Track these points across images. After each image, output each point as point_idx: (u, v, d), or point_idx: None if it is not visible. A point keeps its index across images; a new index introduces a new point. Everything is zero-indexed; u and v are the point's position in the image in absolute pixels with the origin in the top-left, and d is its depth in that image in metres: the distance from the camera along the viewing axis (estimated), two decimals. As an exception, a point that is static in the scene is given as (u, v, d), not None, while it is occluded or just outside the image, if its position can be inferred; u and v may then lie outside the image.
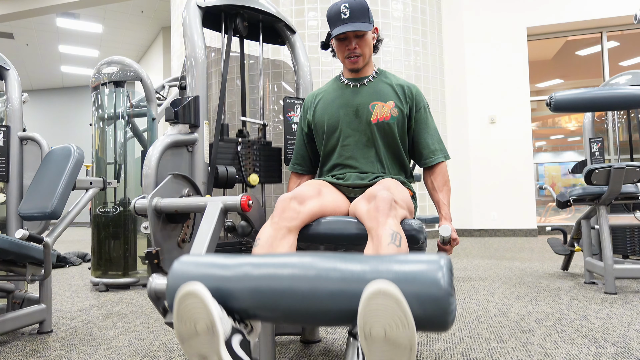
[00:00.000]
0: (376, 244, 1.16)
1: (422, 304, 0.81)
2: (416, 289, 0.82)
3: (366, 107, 1.59)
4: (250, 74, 2.25)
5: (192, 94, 1.66)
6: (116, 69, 3.48)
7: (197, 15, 1.71)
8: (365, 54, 1.59)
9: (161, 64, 12.40)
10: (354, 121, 1.59)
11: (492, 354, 1.76)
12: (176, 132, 1.60)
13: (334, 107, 1.63)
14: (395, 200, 1.25)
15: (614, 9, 6.77)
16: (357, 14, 1.53)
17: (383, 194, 1.23)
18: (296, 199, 1.31)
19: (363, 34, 1.57)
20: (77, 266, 4.95)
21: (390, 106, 1.58)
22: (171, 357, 1.83)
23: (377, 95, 1.60)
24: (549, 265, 4.00)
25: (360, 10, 1.53)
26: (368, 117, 1.58)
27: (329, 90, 1.70)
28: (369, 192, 1.32)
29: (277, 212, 1.29)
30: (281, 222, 1.27)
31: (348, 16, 1.52)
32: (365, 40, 1.58)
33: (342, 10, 1.52)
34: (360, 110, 1.59)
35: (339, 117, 1.61)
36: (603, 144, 3.27)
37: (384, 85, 1.63)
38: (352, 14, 1.52)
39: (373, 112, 1.57)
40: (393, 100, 1.59)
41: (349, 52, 1.58)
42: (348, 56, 1.59)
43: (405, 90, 1.63)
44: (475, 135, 7.10)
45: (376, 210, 1.20)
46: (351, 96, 1.62)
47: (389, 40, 6.69)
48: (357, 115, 1.59)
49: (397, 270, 0.84)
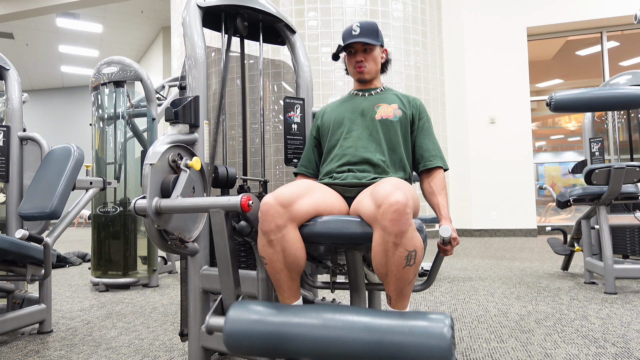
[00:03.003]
0: (392, 266, 1.18)
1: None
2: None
3: (371, 108, 1.69)
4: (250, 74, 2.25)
5: (192, 94, 1.66)
6: (116, 69, 3.48)
7: (197, 15, 1.71)
8: (371, 68, 1.71)
9: (161, 64, 12.40)
10: (359, 119, 1.68)
11: (492, 354, 1.76)
12: (176, 132, 1.60)
13: (342, 109, 1.74)
14: (409, 204, 1.18)
15: (614, 9, 6.77)
16: (367, 32, 1.67)
17: (398, 198, 1.16)
18: (280, 204, 1.26)
19: (370, 47, 1.69)
20: (77, 266, 4.95)
21: (394, 107, 1.67)
22: (171, 357, 1.83)
23: (382, 99, 1.71)
24: (549, 265, 4.00)
25: (370, 30, 1.68)
26: (372, 115, 1.66)
27: (340, 101, 1.81)
28: (378, 192, 1.23)
29: (262, 221, 1.27)
30: (271, 236, 1.26)
31: (358, 33, 1.67)
32: (372, 56, 1.71)
33: (353, 29, 1.68)
34: (365, 110, 1.69)
35: (344, 116, 1.71)
36: (603, 144, 3.27)
37: (390, 94, 1.75)
38: (362, 32, 1.67)
39: (377, 111, 1.67)
40: (397, 104, 1.69)
41: (356, 63, 1.70)
42: (355, 66, 1.71)
43: (410, 100, 1.73)
44: (475, 135, 7.10)
45: (392, 223, 1.15)
46: (359, 102, 1.73)
47: (389, 40, 6.69)
48: (362, 115, 1.68)
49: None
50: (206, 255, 1.63)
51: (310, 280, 1.64)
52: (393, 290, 1.23)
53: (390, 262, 1.18)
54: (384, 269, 1.20)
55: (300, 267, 1.30)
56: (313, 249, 1.40)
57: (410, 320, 1.11)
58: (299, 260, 1.28)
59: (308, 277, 1.66)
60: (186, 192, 1.38)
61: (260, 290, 1.46)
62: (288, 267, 1.28)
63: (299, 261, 1.28)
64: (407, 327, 1.10)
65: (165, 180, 1.40)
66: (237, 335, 1.21)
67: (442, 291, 2.99)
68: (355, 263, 1.39)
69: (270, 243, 1.26)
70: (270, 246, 1.26)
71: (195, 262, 1.61)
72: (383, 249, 1.18)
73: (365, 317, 1.15)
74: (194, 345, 1.57)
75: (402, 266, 1.17)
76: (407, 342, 1.07)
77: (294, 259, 1.27)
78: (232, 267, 1.39)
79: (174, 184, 1.39)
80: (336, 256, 1.52)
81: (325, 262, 1.59)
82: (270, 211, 1.25)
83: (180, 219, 1.46)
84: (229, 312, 1.24)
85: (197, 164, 1.44)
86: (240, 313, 1.23)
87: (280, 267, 1.28)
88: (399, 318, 1.13)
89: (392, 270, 1.19)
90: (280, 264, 1.27)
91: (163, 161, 1.41)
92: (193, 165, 1.43)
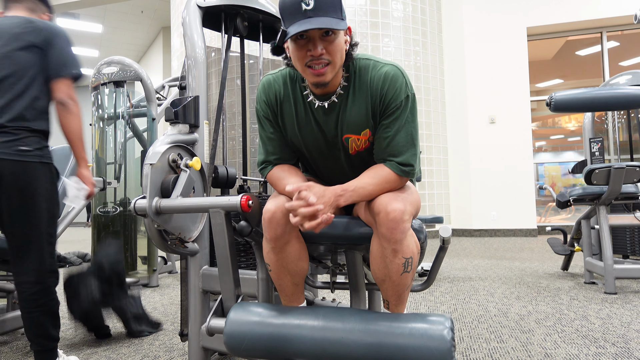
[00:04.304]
0: (390, 272, 1.17)
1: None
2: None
3: (339, 140, 1.29)
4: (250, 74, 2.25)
5: (192, 94, 1.66)
6: (116, 69, 3.48)
7: (197, 15, 1.71)
8: (335, 62, 1.16)
9: (161, 64, 12.40)
10: (325, 150, 1.33)
11: (492, 354, 1.76)
12: (176, 132, 1.60)
13: (303, 132, 1.31)
14: (407, 211, 1.15)
15: (614, 9, 6.77)
16: (325, 4, 1.10)
17: (395, 206, 1.12)
18: (282, 211, 1.19)
19: (334, 32, 1.14)
20: (77, 266, 4.95)
21: (366, 137, 1.27)
22: (171, 357, 1.83)
23: (349, 125, 1.26)
24: (549, 265, 4.00)
25: (331, 2, 1.11)
26: (345, 151, 1.31)
27: (291, 100, 1.30)
28: (376, 199, 1.17)
29: (266, 229, 1.21)
30: (275, 243, 1.22)
31: (312, 7, 1.09)
32: (335, 44, 1.15)
33: (304, 0, 1.09)
34: (332, 142, 1.31)
35: (308, 145, 1.33)
36: (603, 144, 3.27)
37: (357, 103, 1.25)
38: (317, 4, 1.09)
39: (349, 146, 1.29)
40: (367, 129, 1.26)
41: (312, 59, 1.14)
42: (310, 64, 1.15)
43: (383, 103, 1.23)
44: (475, 135, 7.10)
45: (389, 232, 1.12)
46: (320, 120, 1.28)
47: (389, 40, 6.69)
48: (329, 147, 1.32)
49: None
50: (206, 255, 1.63)
51: (310, 280, 1.64)
52: (392, 295, 1.23)
53: (389, 269, 1.17)
54: (382, 275, 1.19)
55: (304, 273, 1.30)
56: (313, 249, 1.39)
57: (410, 322, 1.11)
58: (302, 265, 1.28)
59: (308, 277, 1.66)
60: (186, 192, 1.38)
61: (260, 290, 1.46)
62: (292, 273, 1.27)
63: (302, 266, 1.28)
64: (407, 329, 1.10)
65: (165, 180, 1.40)
66: (238, 337, 1.21)
67: (442, 291, 2.99)
68: (355, 263, 1.39)
69: (273, 250, 1.24)
70: (274, 253, 1.25)
71: (195, 262, 1.61)
72: (381, 255, 1.17)
73: (365, 319, 1.15)
74: (194, 345, 1.57)
75: (400, 273, 1.17)
76: (407, 344, 1.07)
77: (297, 265, 1.27)
78: (232, 267, 1.39)
79: (174, 184, 1.39)
80: (336, 256, 1.52)
81: (325, 262, 1.59)
82: (273, 219, 1.20)
83: (180, 219, 1.46)
84: (230, 314, 1.25)
85: (197, 164, 1.44)
86: (241, 314, 1.24)
87: (284, 273, 1.27)
88: (399, 320, 1.13)
89: (390, 276, 1.18)
90: (284, 270, 1.26)
91: (163, 161, 1.41)
92: (193, 165, 1.43)
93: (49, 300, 1.55)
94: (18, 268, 1.52)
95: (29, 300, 1.51)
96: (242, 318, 1.23)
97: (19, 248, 1.52)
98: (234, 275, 1.40)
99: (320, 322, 1.17)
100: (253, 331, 1.20)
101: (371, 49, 6.54)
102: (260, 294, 1.46)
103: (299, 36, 1.14)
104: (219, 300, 1.48)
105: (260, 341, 1.19)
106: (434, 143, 7.04)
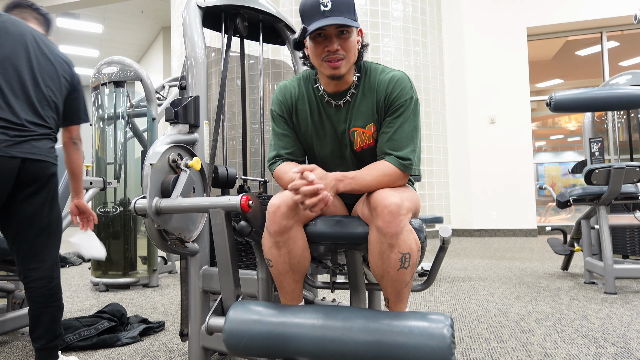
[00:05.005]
0: (387, 267, 1.18)
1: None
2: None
3: (347, 136, 1.40)
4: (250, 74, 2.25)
5: (192, 94, 1.66)
6: (116, 69, 3.48)
7: (197, 15, 1.71)
8: (349, 58, 1.30)
9: (161, 64, 12.40)
10: (335, 149, 1.43)
11: (492, 354, 1.77)
12: (176, 132, 1.60)
13: (317, 126, 1.43)
14: (404, 205, 1.18)
15: (614, 9, 6.77)
16: (341, 6, 1.25)
17: (392, 200, 1.16)
18: (287, 205, 1.24)
19: (348, 30, 1.28)
20: (77, 266, 4.95)
21: (370, 131, 1.37)
22: (171, 357, 1.83)
23: (356, 118, 1.38)
24: (549, 265, 4.00)
25: (345, 3, 1.26)
26: (350, 146, 1.41)
27: (305, 99, 1.43)
28: (375, 194, 1.22)
29: (269, 223, 1.25)
30: (278, 237, 1.24)
31: (330, 8, 1.24)
32: (350, 42, 1.29)
33: (322, 1, 1.24)
34: (340, 137, 1.41)
35: (319, 141, 1.44)
36: (603, 144, 3.27)
37: (366, 100, 1.37)
38: (334, 6, 1.24)
39: (354, 140, 1.39)
40: (372, 123, 1.37)
41: (329, 54, 1.28)
42: (327, 59, 1.29)
43: (387, 100, 1.35)
44: (475, 135, 7.10)
45: (386, 225, 1.15)
46: (331, 115, 1.40)
47: (389, 40, 6.69)
48: (338, 143, 1.42)
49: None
50: (206, 255, 1.63)
51: (310, 280, 1.65)
52: (390, 292, 1.23)
53: (386, 264, 1.18)
54: (380, 271, 1.20)
55: (305, 269, 1.30)
56: (313, 249, 1.39)
57: (410, 320, 1.11)
58: (305, 261, 1.29)
59: (308, 277, 1.66)
60: (186, 192, 1.38)
61: (260, 290, 1.46)
62: (293, 269, 1.28)
63: (304, 262, 1.29)
64: (407, 327, 1.10)
65: (165, 180, 1.40)
66: (237, 335, 1.21)
67: (442, 291, 2.99)
68: (355, 263, 1.39)
69: (276, 245, 1.25)
70: (276, 248, 1.25)
71: (195, 262, 1.61)
72: (378, 249, 1.19)
73: (365, 317, 1.15)
74: (194, 345, 1.57)
75: (397, 268, 1.18)
76: (407, 342, 1.08)
77: (299, 261, 1.27)
78: (232, 267, 1.39)
79: (174, 184, 1.39)
80: (336, 256, 1.52)
81: (325, 262, 1.59)
82: (277, 212, 1.23)
83: (180, 219, 1.46)
84: (229, 312, 1.25)
85: (197, 164, 1.44)
86: (240, 313, 1.24)
87: (286, 270, 1.27)
88: (398, 318, 1.13)
89: (388, 272, 1.19)
90: (285, 266, 1.27)
91: (163, 161, 1.42)
92: (193, 165, 1.44)
93: (61, 295, 1.61)
94: (36, 264, 1.56)
95: (47, 295, 1.55)
96: (242, 316, 1.23)
97: (40, 245, 1.57)
98: (234, 275, 1.40)
99: (319, 320, 1.17)
100: (252, 329, 1.20)
101: (371, 49, 6.53)
102: (260, 294, 1.46)
103: (317, 34, 1.28)
104: (219, 300, 1.49)
105: (259, 339, 1.19)
106: (433, 143, 7.04)
